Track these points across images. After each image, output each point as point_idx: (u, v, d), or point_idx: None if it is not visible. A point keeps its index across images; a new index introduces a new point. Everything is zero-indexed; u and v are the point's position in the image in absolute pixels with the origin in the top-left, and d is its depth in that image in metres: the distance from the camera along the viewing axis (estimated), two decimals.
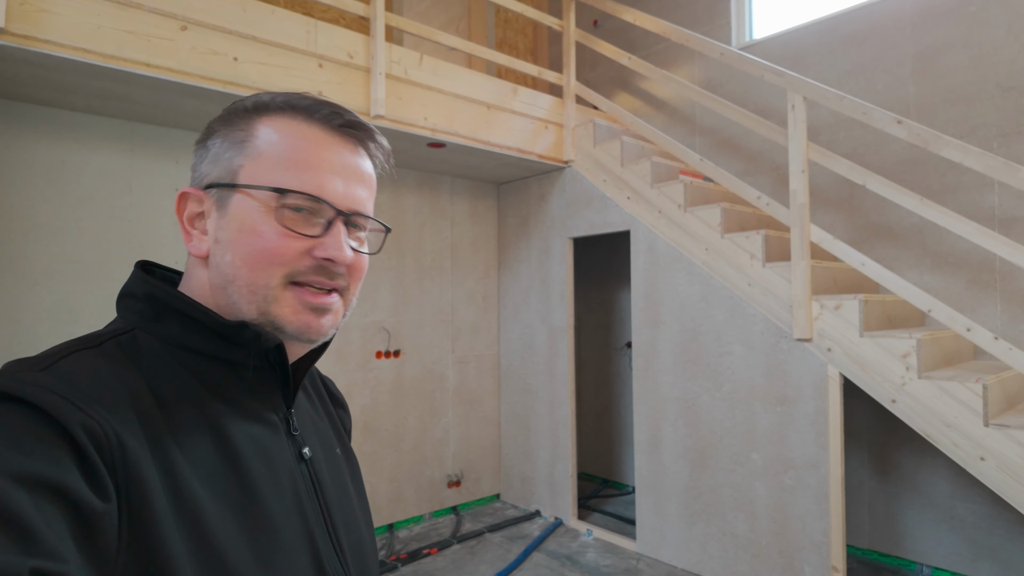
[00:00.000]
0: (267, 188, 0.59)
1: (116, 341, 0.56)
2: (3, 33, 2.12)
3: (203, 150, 0.63)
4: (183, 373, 0.57)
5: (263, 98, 0.63)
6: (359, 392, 3.78)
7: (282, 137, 0.60)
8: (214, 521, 0.51)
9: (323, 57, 2.91)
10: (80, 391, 0.48)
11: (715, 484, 3.18)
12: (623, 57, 3.82)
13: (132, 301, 0.61)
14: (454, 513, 4.21)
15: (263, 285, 0.59)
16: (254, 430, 0.60)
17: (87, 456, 0.45)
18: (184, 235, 0.63)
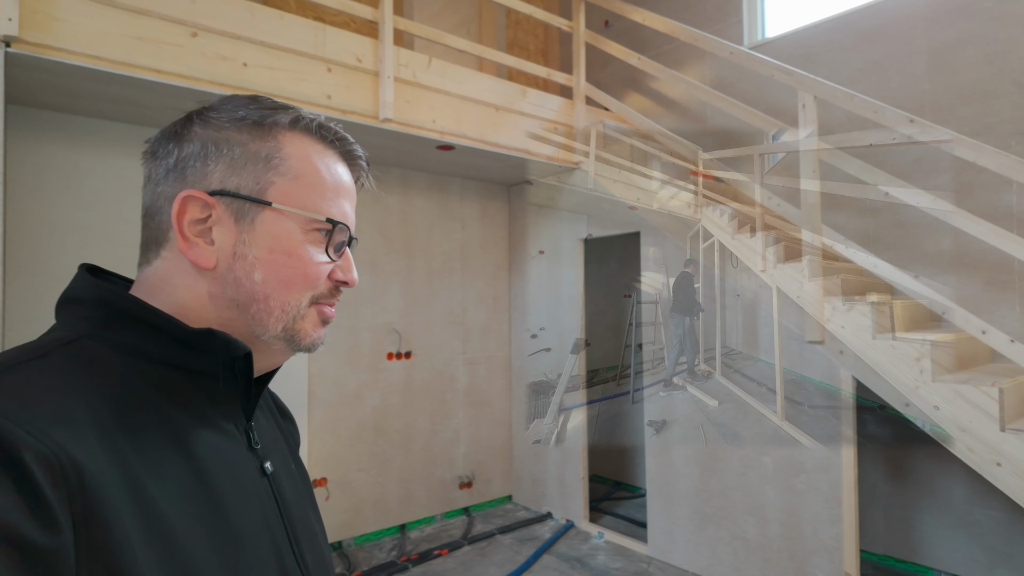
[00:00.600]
0: (323, 218, 0.61)
1: (64, 350, 0.51)
2: (17, 41, 2.16)
3: (213, 151, 0.59)
4: (140, 383, 0.54)
5: (293, 112, 0.62)
6: (369, 393, 3.80)
7: (312, 161, 0.62)
8: (184, 540, 0.49)
9: (331, 61, 2.93)
10: (29, 411, 0.44)
11: (725, 487, 3.15)
12: (632, 57, 3.80)
13: (78, 307, 0.57)
14: (465, 514, 4.21)
15: (295, 305, 0.60)
16: (218, 442, 0.57)
17: (35, 488, 0.41)
18: (179, 241, 0.58)
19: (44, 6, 2.22)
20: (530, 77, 5.06)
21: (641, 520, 3.97)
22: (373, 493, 3.80)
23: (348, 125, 3.04)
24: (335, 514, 3.64)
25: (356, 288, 3.76)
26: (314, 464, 3.56)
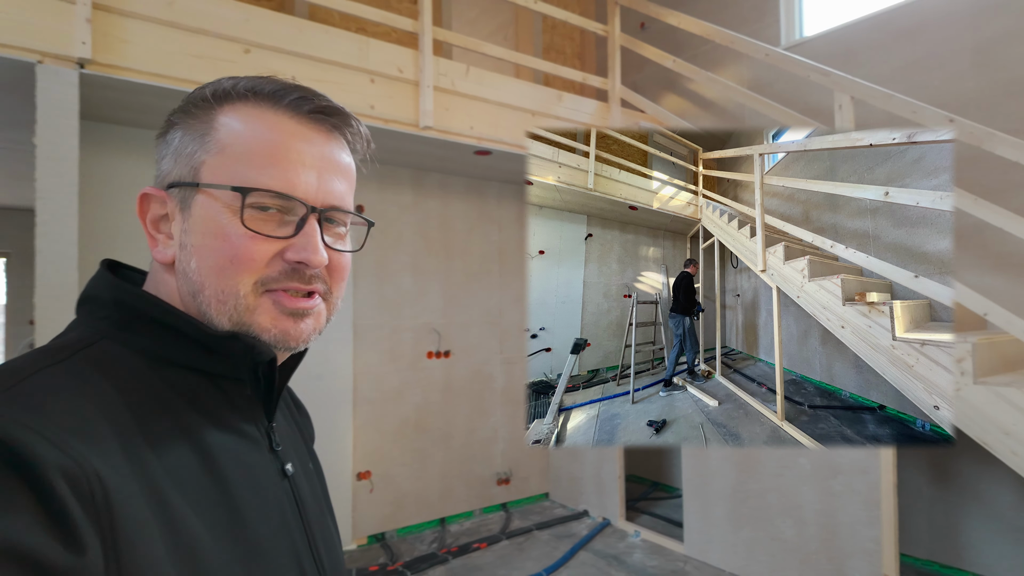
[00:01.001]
0: (228, 187, 0.53)
1: (85, 354, 0.50)
2: (90, 63, 2.36)
3: (163, 145, 0.58)
4: (162, 388, 0.52)
5: (224, 84, 0.57)
6: (411, 391, 3.93)
7: (246, 128, 0.55)
8: (208, 550, 0.48)
9: (374, 72, 3.06)
10: (54, 422, 0.42)
11: (762, 488, 3.15)
12: (668, 60, 3.82)
13: (96, 306, 0.55)
14: (503, 510, 4.30)
15: (232, 294, 0.54)
16: (239, 448, 0.56)
17: (59, 503, 0.39)
18: (148, 239, 0.58)
19: (114, 30, 2.41)
20: (566, 81, 5.13)
21: (678, 520, 3.98)
22: (415, 487, 3.93)
23: (390, 133, 3.18)
24: (378, 506, 3.78)
25: (399, 289, 3.90)
26: (359, 458, 3.72)
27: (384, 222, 3.88)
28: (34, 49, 2.25)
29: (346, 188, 0.60)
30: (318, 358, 3.59)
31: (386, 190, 3.90)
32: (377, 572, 3.30)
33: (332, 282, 0.60)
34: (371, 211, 3.82)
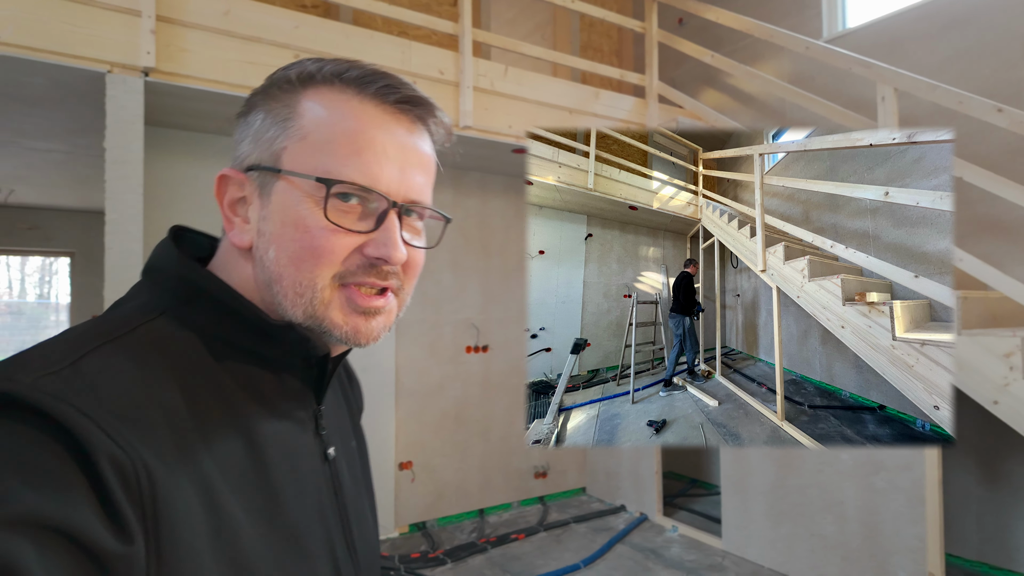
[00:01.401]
0: (312, 177, 0.52)
1: (146, 329, 0.50)
2: (153, 71, 2.52)
3: (244, 126, 0.57)
4: (216, 369, 0.52)
5: (309, 67, 0.55)
6: (451, 384, 4.03)
7: (330, 115, 0.53)
8: (246, 537, 0.49)
9: (416, 75, 3.16)
10: (107, 409, 0.43)
11: (802, 484, 3.13)
12: (706, 55, 3.82)
13: (161, 277, 0.55)
14: (540, 503, 4.37)
15: (309, 287, 0.53)
16: (285, 432, 0.56)
17: (109, 492, 0.40)
18: (225, 222, 0.57)
19: (176, 40, 2.56)
20: (603, 78, 5.15)
21: (716, 516, 3.97)
22: (455, 478, 4.03)
23: None
24: (420, 496, 3.89)
25: (439, 285, 4.01)
26: (401, 448, 3.83)
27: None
28: (104, 60, 2.41)
29: (426, 181, 0.58)
30: (363, 351, 3.69)
31: None
32: (418, 559, 3.41)
33: (405, 278, 0.59)
34: None
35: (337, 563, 0.58)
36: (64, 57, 2.35)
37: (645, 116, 4.00)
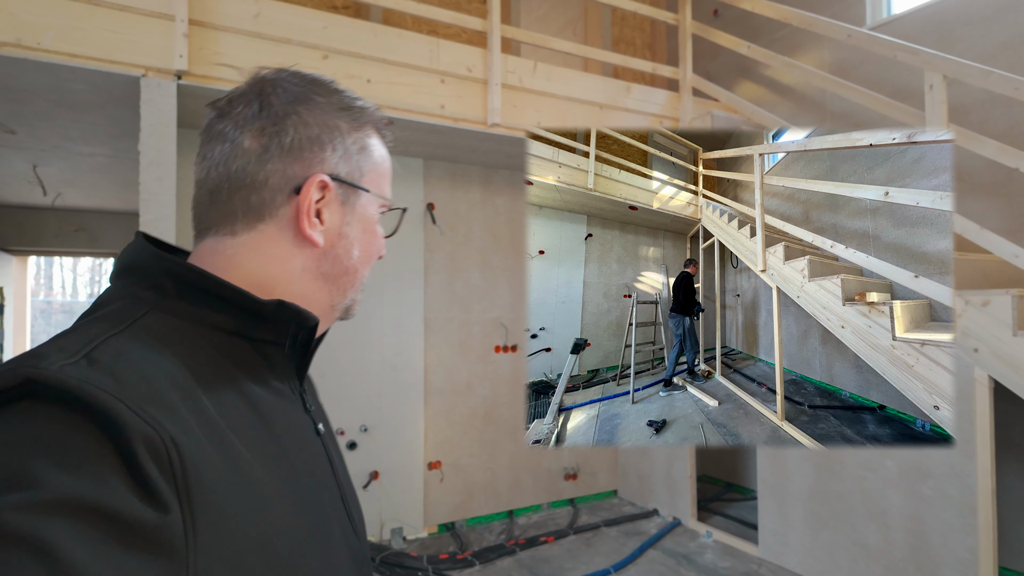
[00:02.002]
0: (382, 198, 0.69)
1: (142, 323, 0.53)
2: (187, 74, 2.56)
3: (327, 137, 0.63)
4: (213, 353, 0.56)
5: (375, 113, 0.68)
6: (480, 383, 4.02)
7: (383, 153, 0.70)
8: (274, 500, 0.52)
9: (445, 73, 3.14)
10: (131, 390, 0.45)
11: (843, 490, 3.01)
12: (742, 46, 3.70)
13: (142, 277, 0.58)
14: (571, 505, 4.32)
15: (365, 276, 0.69)
16: (283, 406, 0.61)
17: (142, 467, 0.42)
18: (307, 221, 0.61)
19: (208, 43, 2.60)
20: (635, 73, 5.06)
21: (752, 522, 3.86)
22: (484, 478, 4.01)
23: (460, 132, 3.26)
24: (449, 495, 3.89)
25: (468, 284, 3.99)
26: (430, 448, 3.83)
27: (454, 219, 3.98)
28: (139, 64, 2.47)
29: None
30: (393, 350, 3.73)
31: (456, 188, 4.00)
32: (447, 560, 3.40)
33: None
34: (442, 208, 3.93)
35: (344, 529, 0.63)
36: (102, 62, 2.41)
37: (679, 110, 3.90)
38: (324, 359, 3.52)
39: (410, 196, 3.84)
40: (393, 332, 3.75)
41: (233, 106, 0.61)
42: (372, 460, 3.64)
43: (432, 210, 3.87)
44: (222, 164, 0.60)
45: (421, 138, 3.44)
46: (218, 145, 0.60)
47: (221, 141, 0.60)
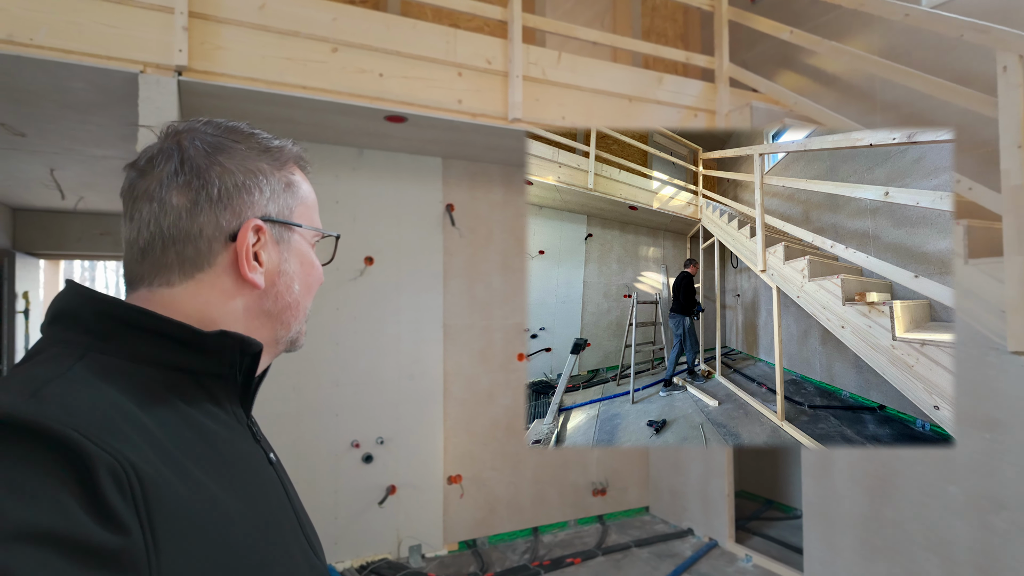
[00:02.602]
0: (313, 230, 0.71)
1: (83, 364, 0.53)
2: (187, 70, 2.42)
3: (253, 182, 0.65)
4: (156, 387, 0.56)
5: (293, 149, 0.71)
6: (501, 393, 3.82)
7: (308, 188, 0.73)
8: (237, 523, 0.53)
9: (462, 65, 2.95)
10: (83, 419, 0.46)
11: (900, 518, 2.72)
12: (784, 32, 3.43)
13: (72, 322, 0.58)
14: (599, 522, 4.09)
15: (307, 307, 0.72)
16: (231, 437, 0.61)
17: (101, 493, 0.43)
18: (246, 265, 0.63)
19: (209, 37, 2.46)
20: (668, 63, 4.80)
21: (796, 545, 3.58)
22: (506, 493, 3.81)
23: (479, 128, 3.06)
24: (469, 512, 3.70)
25: (489, 288, 3.80)
26: (449, 461, 3.65)
27: (474, 220, 3.79)
28: (137, 60, 2.33)
29: None
30: (410, 358, 3.56)
31: (477, 188, 3.81)
32: None
33: None
34: (462, 210, 3.74)
35: (306, 554, 0.63)
36: (98, 59, 2.29)
37: (715, 102, 3.64)
38: (339, 367, 3.38)
39: (428, 197, 3.66)
40: (411, 339, 3.58)
41: (153, 164, 0.62)
42: (389, 474, 3.47)
43: (451, 211, 3.69)
44: (152, 223, 0.61)
45: (438, 136, 3.26)
46: (145, 205, 0.61)
47: (148, 200, 0.61)
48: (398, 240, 3.57)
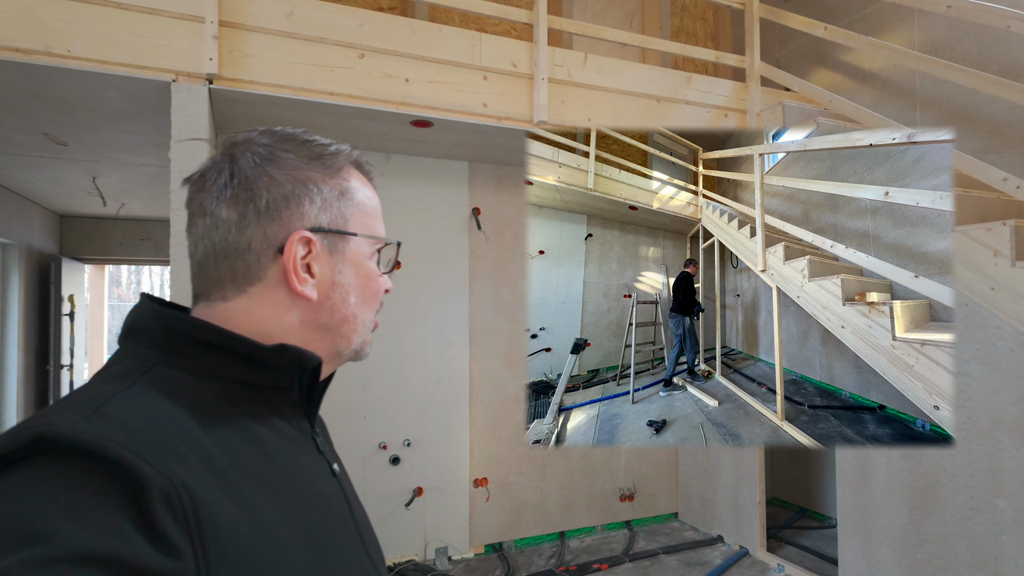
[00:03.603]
0: (373, 238, 0.68)
1: (146, 379, 0.54)
2: (218, 78, 2.46)
3: (303, 192, 0.63)
4: (220, 402, 0.57)
5: (351, 154, 0.68)
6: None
7: (368, 193, 0.69)
8: (289, 543, 0.53)
9: (487, 69, 2.95)
10: (141, 441, 0.47)
11: (944, 532, 2.60)
12: (818, 28, 3.33)
13: (143, 336, 0.59)
14: (627, 528, 4.03)
15: (370, 319, 0.69)
16: (292, 448, 0.61)
17: (154, 515, 0.43)
18: (297, 278, 0.62)
19: (238, 45, 2.50)
20: (698, 63, 4.72)
21: (830, 555, 3.46)
22: (533, 497, 3.78)
23: (504, 132, 3.05)
24: (495, 515, 3.68)
25: (516, 292, 3.78)
26: (476, 464, 3.64)
27: (500, 224, 3.78)
28: (169, 69, 2.39)
29: None
30: (436, 362, 3.57)
31: (503, 191, 3.80)
32: None
33: None
34: (488, 213, 3.74)
35: (364, 570, 0.63)
36: (131, 68, 2.35)
37: (746, 102, 3.56)
38: (367, 371, 3.40)
39: (454, 201, 3.66)
40: (437, 343, 3.58)
41: (207, 178, 0.62)
42: (416, 476, 3.48)
43: (477, 215, 3.68)
44: (206, 237, 0.62)
45: (464, 140, 3.26)
46: (200, 219, 0.62)
47: (202, 215, 0.62)
48: (424, 244, 3.58)
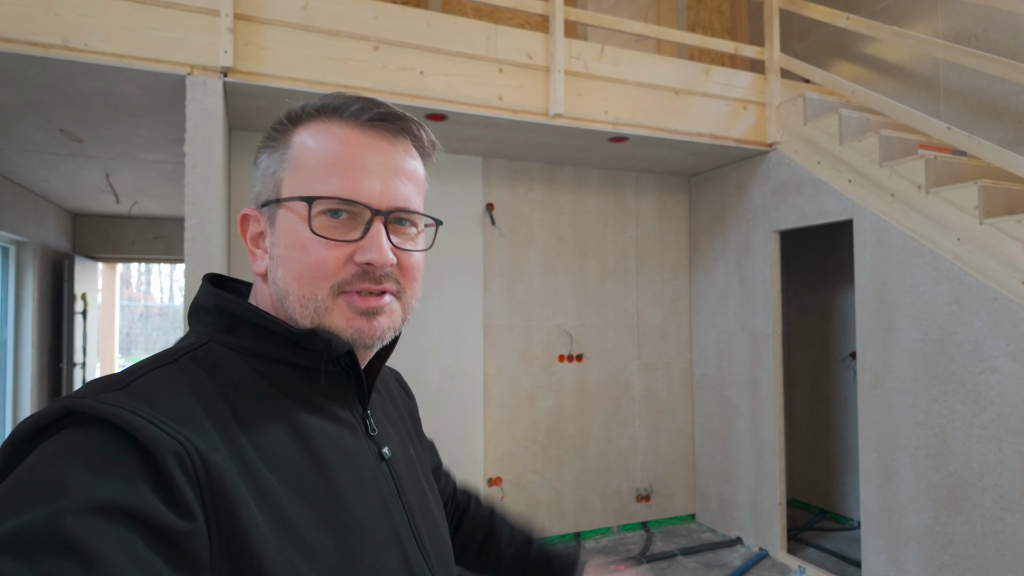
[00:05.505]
0: (298, 198, 0.58)
1: (192, 355, 0.57)
2: (233, 71, 2.44)
3: (255, 169, 0.65)
4: (260, 380, 0.57)
5: (296, 106, 0.62)
6: (542, 395, 3.75)
7: (315, 142, 0.60)
8: (303, 524, 0.52)
9: (503, 61, 2.91)
10: (160, 410, 0.48)
11: (973, 533, 2.53)
12: (840, 19, 3.27)
13: (204, 315, 0.62)
14: (644, 529, 3.97)
15: (311, 298, 0.59)
16: (333, 430, 0.60)
17: (169, 477, 0.45)
18: (250, 255, 0.64)
19: (253, 38, 2.48)
20: (715, 56, 4.66)
21: (853, 558, 3.40)
22: (548, 497, 3.74)
23: (520, 125, 3.01)
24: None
25: (530, 289, 3.74)
26: (490, 463, 3.60)
27: (515, 220, 3.74)
28: (184, 62, 2.37)
29: (412, 190, 0.63)
30: (450, 359, 3.53)
31: (518, 186, 3.75)
32: None
33: (405, 281, 0.63)
34: (502, 209, 3.70)
35: (407, 556, 0.60)
36: (148, 62, 2.33)
37: (765, 93, 3.50)
38: None
39: (468, 196, 3.63)
40: (451, 340, 3.55)
41: None
42: None
43: (492, 211, 3.64)
44: None
45: (479, 134, 3.22)
46: None
47: None
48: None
